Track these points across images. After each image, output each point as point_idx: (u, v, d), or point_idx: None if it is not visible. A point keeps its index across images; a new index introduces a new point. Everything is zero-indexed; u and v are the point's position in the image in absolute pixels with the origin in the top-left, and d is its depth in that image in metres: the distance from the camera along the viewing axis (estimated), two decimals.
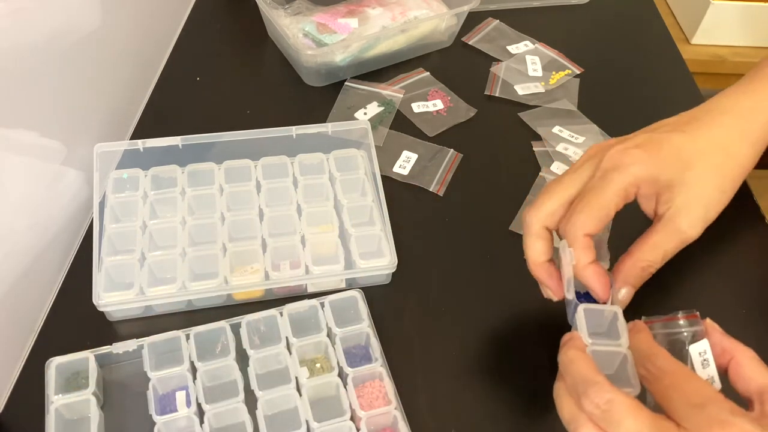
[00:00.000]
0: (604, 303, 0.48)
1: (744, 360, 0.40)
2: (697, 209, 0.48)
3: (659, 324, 0.44)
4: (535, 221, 0.50)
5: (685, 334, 0.43)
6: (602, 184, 0.48)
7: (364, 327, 0.56)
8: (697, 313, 0.43)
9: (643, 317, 0.45)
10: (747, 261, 0.65)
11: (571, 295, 0.49)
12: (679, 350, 0.42)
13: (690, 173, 0.49)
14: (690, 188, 0.49)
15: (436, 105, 0.79)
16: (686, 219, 0.48)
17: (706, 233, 0.66)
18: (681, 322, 0.43)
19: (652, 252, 0.48)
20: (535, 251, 0.50)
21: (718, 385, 0.41)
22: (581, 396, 0.38)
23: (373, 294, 0.60)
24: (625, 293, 0.49)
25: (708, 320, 0.42)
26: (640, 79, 0.86)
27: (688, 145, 0.50)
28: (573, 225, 0.47)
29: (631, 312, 0.60)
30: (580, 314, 0.45)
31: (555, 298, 0.51)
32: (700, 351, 0.42)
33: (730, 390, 0.40)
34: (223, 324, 0.55)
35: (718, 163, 0.50)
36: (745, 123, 0.53)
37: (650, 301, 0.61)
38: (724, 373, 0.41)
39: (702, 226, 0.49)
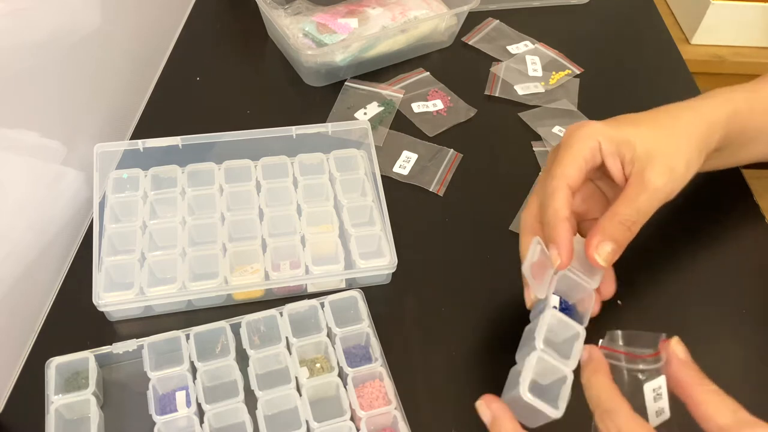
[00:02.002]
0: (559, 269, 0.48)
1: (702, 398, 0.39)
2: (660, 160, 0.49)
3: (623, 357, 0.43)
4: (527, 217, 0.53)
5: (641, 376, 0.42)
6: (566, 144, 0.51)
7: (364, 327, 0.56)
8: (665, 337, 0.42)
9: (601, 341, 0.43)
10: (747, 261, 0.65)
11: (542, 294, 0.49)
12: (635, 387, 0.42)
13: (643, 129, 0.51)
14: (646, 141, 0.50)
15: (436, 105, 0.79)
16: (651, 170, 0.49)
17: (706, 233, 0.66)
18: (641, 365, 0.42)
19: (626, 206, 0.49)
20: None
21: (666, 415, 0.41)
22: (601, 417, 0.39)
23: (373, 294, 0.60)
24: (609, 249, 0.48)
25: (673, 342, 0.42)
26: (640, 79, 0.86)
27: (639, 114, 0.53)
28: (552, 177, 0.50)
29: (633, 306, 0.60)
30: (547, 318, 0.46)
31: (563, 261, 0.49)
32: (654, 387, 0.42)
33: (681, 416, 0.40)
34: (223, 324, 0.55)
35: (666, 123, 0.53)
36: (696, 113, 0.55)
37: (650, 299, 0.61)
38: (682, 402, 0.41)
39: (669, 176, 0.49)
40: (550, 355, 0.44)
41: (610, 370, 0.42)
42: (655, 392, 0.41)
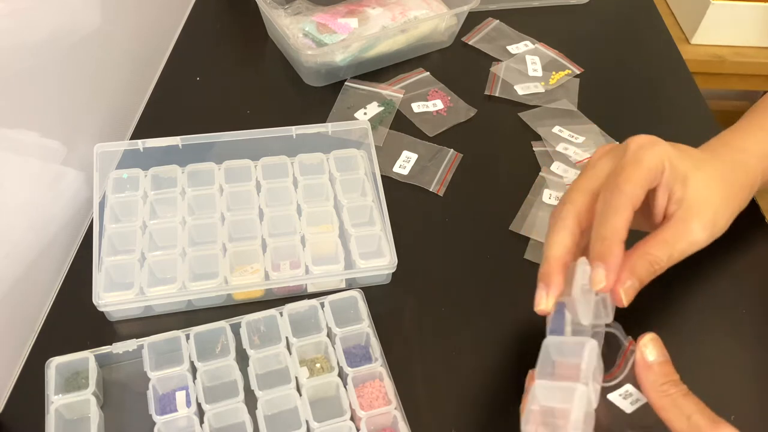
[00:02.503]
0: (601, 291, 0.45)
1: (659, 404, 0.40)
2: (707, 212, 0.48)
3: None
4: (567, 211, 0.48)
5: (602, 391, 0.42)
6: (635, 159, 0.47)
7: (364, 327, 0.56)
8: (629, 341, 0.42)
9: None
10: (747, 261, 0.65)
11: (587, 321, 0.45)
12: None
13: (702, 174, 0.49)
14: (701, 187, 0.49)
15: (436, 105, 0.79)
16: (697, 222, 0.48)
17: None
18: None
19: (660, 248, 0.47)
20: (560, 243, 0.47)
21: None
22: None
23: (373, 294, 0.60)
24: (629, 285, 0.46)
25: (641, 344, 0.41)
26: (640, 79, 0.86)
27: (699, 153, 0.51)
28: (616, 194, 0.46)
29: (632, 306, 0.60)
30: (595, 353, 0.42)
31: (549, 307, 0.47)
32: (621, 394, 0.42)
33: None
34: (223, 324, 0.55)
35: (724, 173, 0.51)
36: (748, 167, 0.54)
37: (649, 299, 0.61)
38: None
39: (710, 231, 0.49)
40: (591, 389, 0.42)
41: None
42: (623, 396, 0.42)
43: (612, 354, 0.43)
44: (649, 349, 0.42)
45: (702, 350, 0.58)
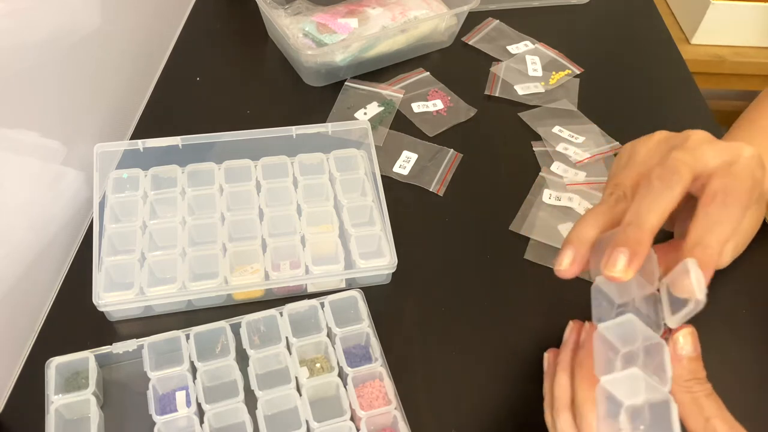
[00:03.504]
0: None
1: (679, 398, 0.40)
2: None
3: None
4: (609, 192, 0.44)
5: None
6: (695, 147, 0.43)
7: (364, 327, 0.56)
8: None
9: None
10: (747, 261, 0.65)
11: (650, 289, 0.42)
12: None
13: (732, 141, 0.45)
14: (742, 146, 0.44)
15: (436, 105, 0.79)
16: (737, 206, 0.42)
17: None
18: None
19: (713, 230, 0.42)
20: (591, 221, 0.44)
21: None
22: None
23: (373, 294, 0.60)
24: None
25: (676, 336, 0.40)
26: (640, 79, 0.86)
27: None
28: (672, 164, 0.42)
29: None
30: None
31: (569, 271, 0.44)
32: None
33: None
34: (223, 324, 0.55)
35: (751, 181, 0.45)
36: None
37: None
38: None
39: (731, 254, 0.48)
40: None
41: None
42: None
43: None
44: (681, 343, 0.41)
45: (702, 350, 0.58)
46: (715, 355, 0.58)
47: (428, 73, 0.84)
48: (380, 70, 0.84)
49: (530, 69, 0.84)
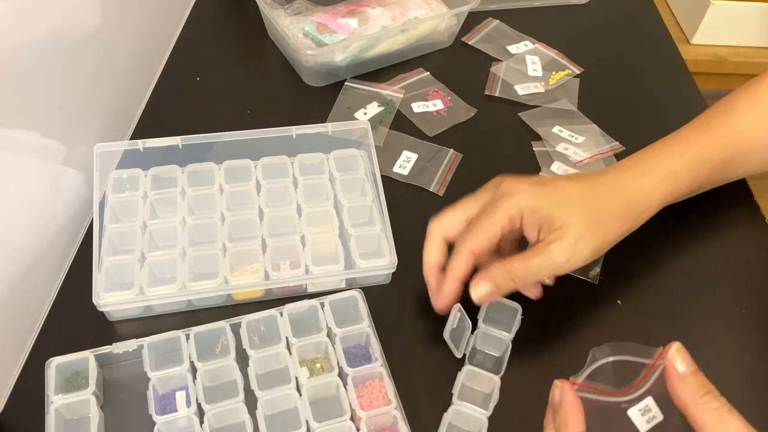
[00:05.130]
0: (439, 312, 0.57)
1: (701, 419, 0.37)
2: (567, 239, 0.52)
3: (600, 395, 0.41)
4: (436, 229, 0.57)
5: (623, 406, 0.40)
6: (492, 207, 0.54)
7: (364, 327, 0.56)
8: (660, 350, 0.39)
9: (571, 377, 0.42)
10: (747, 261, 0.65)
11: (459, 355, 0.56)
12: (616, 413, 0.40)
13: (564, 209, 0.53)
14: (565, 218, 0.53)
15: (436, 105, 0.79)
16: (557, 246, 0.52)
17: (706, 233, 0.66)
18: (621, 398, 0.40)
19: (520, 262, 0.53)
20: (431, 255, 0.57)
21: (659, 418, 0.39)
22: None
23: (373, 294, 0.60)
24: (488, 289, 0.53)
25: (672, 352, 0.38)
26: (640, 79, 0.86)
27: (570, 189, 0.55)
28: (463, 241, 0.54)
29: (632, 306, 0.60)
30: (463, 374, 0.54)
31: (438, 307, 0.57)
32: (640, 408, 0.39)
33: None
34: (223, 324, 0.55)
35: (590, 204, 0.55)
36: (627, 179, 0.57)
37: (650, 298, 0.61)
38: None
39: (569, 256, 0.53)
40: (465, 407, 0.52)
41: (583, 403, 0.40)
42: (642, 411, 0.40)
43: (635, 367, 0.41)
44: (680, 356, 0.39)
45: (702, 351, 0.58)
46: (715, 355, 0.58)
47: (428, 73, 0.84)
48: (380, 70, 0.84)
49: (530, 69, 0.84)
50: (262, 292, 0.60)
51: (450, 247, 0.57)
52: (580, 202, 0.54)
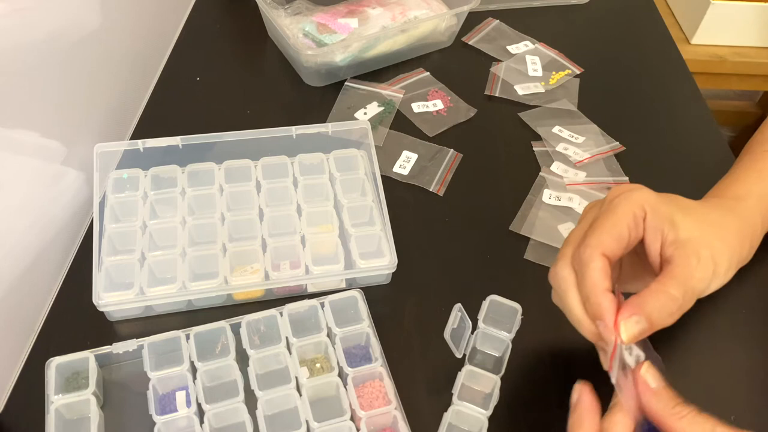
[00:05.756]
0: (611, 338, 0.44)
1: (676, 426, 0.39)
2: (704, 251, 0.46)
3: None
4: (562, 266, 0.47)
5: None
6: (612, 205, 0.47)
7: (364, 327, 0.56)
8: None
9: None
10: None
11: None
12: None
13: (688, 218, 0.47)
14: (691, 230, 0.47)
15: (436, 105, 0.79)
16: (694, 257, 0.45)
17: None
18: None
19: (672, 284, 0.44)
20: (597, 275, 0.44)
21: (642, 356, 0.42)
22: None
23: (373, 294, 0.60)
24: (634, 320, 0.43)
25: (642, 371, 0.41)
26: (640, 79, 0.86)
27: (687, 201, 0.50)
28: (586, 246, 0.45)
29: None
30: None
31: (607, 335, 0.44)
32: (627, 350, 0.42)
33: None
34: (223, 324, 0.55)
35: (714, 221, 0.49)
36: (740, 219, 0.52)
37: None
38: None
39: (711, 271, 0.46)
40: None
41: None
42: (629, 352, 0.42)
43: None
44: (651, 374, 0.41)
45: (702, 350, 0.58)
46: (716, 355, 0.58)
47: (428, 73, 0.84)
48: (380, 70, 0.84)
49: (530, 69, 0.84)
50: (262, 292, 0.60)
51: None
52: (701, 212, 0.49)
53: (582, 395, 0.42)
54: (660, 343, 0.55)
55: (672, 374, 0.57)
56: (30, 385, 0.53)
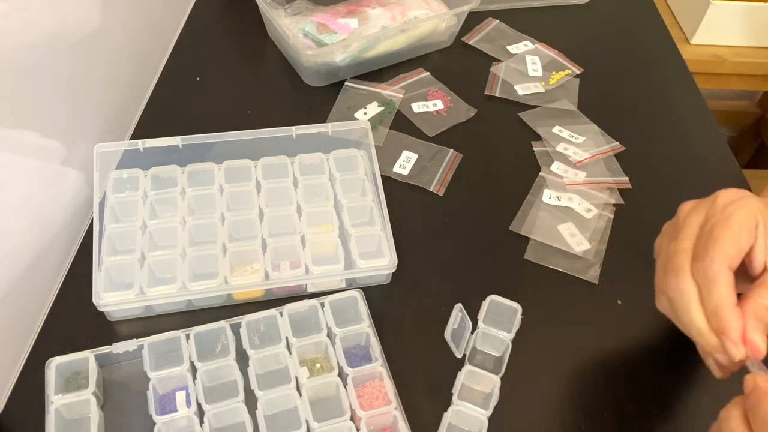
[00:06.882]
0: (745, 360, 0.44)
1: None
2: None
3: None
4: (684, 281, 0.45)
5: None
6: (726, 216, 0.46)
7: (364, 327, 0.56)
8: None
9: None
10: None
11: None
12: None
13: None
14: None
15: (436, 105, 0.79)
16: None
17: None
18: None
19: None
20: (726, 290, 0.43)
21: None
22: None
23: (373, 294, 0.60)
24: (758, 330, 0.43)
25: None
26: (640, 79, 0.86)
27: None
28: (714, 259, 0.44)
29: (632, 306, 0.60)
30: None
31: (735, 358, 0.43)
32: None
33: None
34: (223, 324, 0.55)
35: None
36: None
37: (650, 298, 0.61)
38: None
39: None
40: None
41: None
42: None
43: None
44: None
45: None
46: None
47: (428, 73, 0.84)
48: (380, 70, 0.84)
49: (530, 69, 0.84)
50: (262, 292, 0.60)
51: None
52: None
53: (757, 380, 0.40)
54: (660, 343, 0.55)
55: (673, 374, 0.57)
56: (30, 385, 0.53)
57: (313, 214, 0.64)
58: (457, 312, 0.56)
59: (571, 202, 0.68)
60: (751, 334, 0.43)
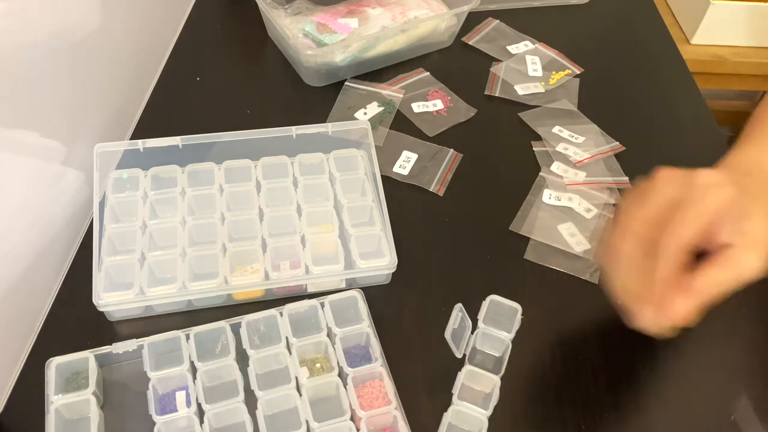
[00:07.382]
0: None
1: None
2: (763, 245, 0.46)
3: None
4: (629, 243, 0.47)
5: None
6: (699, 199, 0.46)
7: (364, 327, 0.56)
8: None
9: None
10: None
11: None
12: None
13: (761, 210, 0.47)
14: (759, 224, 0.46)
15: (436, 105, 0.79)
16: (754, 250, 0.46)
17: None
18: None
19: (721, 272, 0.45)
20: (674, 268, 0.45)
21: None
22: None
23: (373, 294, 0.60)
24: (680, 302, 0.45)
25: None
26: (640, 79, 0.86)
27: (753, 186, 0.49)
28: (676, 234, 0.45)
29: None
30: None
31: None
32: None
33: None
34: (223, 324, 0.55)
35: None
36: None
37: None
38: None
39: (764, 262, 0.46)
40: None
41: None
42: None
43: None
44: None
45: (702, 350, 0.58)
46: (715, 355, 0.58)
47: (428, 73, 0.84)
48: (380, 70, 0.84)
49: (530, 69, 0.84)
50: (262, 292, 0.60)
51: None
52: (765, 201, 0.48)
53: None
54: (661, 343, 0.55)
55: (672, 374, 0.57)
56: (30, 385, 0.53)
57: (313, 214, 0.64)
58: (457, 312, 0.56)
59: (571, 202, 0.68)
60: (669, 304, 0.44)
